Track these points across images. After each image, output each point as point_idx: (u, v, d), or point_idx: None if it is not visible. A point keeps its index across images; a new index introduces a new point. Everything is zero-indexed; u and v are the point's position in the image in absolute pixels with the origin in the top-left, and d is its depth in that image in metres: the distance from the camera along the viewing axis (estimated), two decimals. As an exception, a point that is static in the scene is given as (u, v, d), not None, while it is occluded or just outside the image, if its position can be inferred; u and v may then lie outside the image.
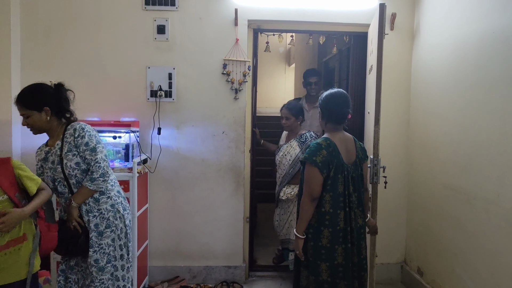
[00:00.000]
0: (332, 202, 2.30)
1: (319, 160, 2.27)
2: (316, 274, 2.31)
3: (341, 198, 2.31)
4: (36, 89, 2.35)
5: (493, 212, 2.41)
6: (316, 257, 2.31)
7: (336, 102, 2.41)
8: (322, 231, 2.30)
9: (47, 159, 2.41)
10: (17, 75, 3.42)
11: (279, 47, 9.65)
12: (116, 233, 2.44)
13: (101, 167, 2.34)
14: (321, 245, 2.30)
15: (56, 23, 3.45)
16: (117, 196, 2.48)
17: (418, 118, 3.48)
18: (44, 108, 2.31)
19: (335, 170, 2.30)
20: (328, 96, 2.44)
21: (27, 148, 3.46)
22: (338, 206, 2.30)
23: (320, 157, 2.27)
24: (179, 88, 3.52)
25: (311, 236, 2.33)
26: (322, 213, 2.30)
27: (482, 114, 2.55)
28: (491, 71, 2.47)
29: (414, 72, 3.56)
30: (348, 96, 2.46)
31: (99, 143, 2.39)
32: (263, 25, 3.68)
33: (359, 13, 3.53)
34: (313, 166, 2.28)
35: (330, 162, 2.29)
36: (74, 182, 2.35)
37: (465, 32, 2.75)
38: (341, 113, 2.40)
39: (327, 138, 2.37)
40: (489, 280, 2.46)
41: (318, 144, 2.34)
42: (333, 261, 2.29)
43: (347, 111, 2.41)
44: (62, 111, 2.42)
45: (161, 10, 3.46)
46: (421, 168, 3.42)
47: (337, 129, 2.42)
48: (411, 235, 3.61)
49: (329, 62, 6.31)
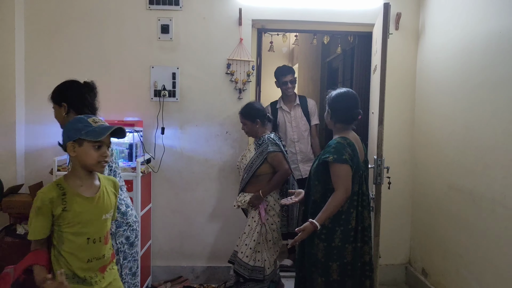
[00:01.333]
0: (348, 201, 2.29)
1: (348, 158, 2.25)
2: (327, 275, 2.30)
3: (355, 197, 2.30)
4: (62, 84, 2.40)
5: (499, 213, 2.39)
6: (328, 258, 2.29)
7: (348, 103, 2.40)
8: (336, 231, 2.28)
9: None
10: (21, 74, 3.43)
11: (283, 47, 9.62)
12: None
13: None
14: (334, 245, 2.28)
15: (60, 23, 3.45)
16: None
17: (423, 118, 3.46)
18: (62, 103, 2.32)
19: (355, 168, 2.30)
20: (340, 96, 2.42)
21: (31, 148, 3.47)
22: (352, 205, 2.30)
23: (347, 155, 2.26)
24: (183, 88, 3.52)
25: (324, 237, 2.29)
26: (338, 213, 2.27)
27: (488, 115, 2.53)
28: (497, 71, 2.44)
29: (419, 72, 3.54)
30: (358, 97, 2.46)
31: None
32: (267, 24, 3.68)
33: (364, 13, 3.52)
34: (345, 164, 2.24)
35: (356, 159, 2.29)
36: None
37: (471, 32, 2.73)
38: (353, 114, 2.40)
39: (345, 138, 2.35)
40: (495, 282, 2.43)
41: (340, 143, 2.31)
42: (342, 260, 2.28)
43: (359, 112, 2.41)
44: (79, 109, 2.43)
45: (165, 10, 3.46)
46: (425, 168, 3.40)
47: (347, 129, 2.42)
48: (416, 236, 3.59)
49: (332, 62, 6.28)
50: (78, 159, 1.75)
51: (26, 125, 3.46)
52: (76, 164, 1.77)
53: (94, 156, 1.74)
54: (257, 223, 3.05)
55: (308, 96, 4.21)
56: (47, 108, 3.42)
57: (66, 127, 1.78)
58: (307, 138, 3.84)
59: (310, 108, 3.85)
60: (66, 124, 1.80)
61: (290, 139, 3.80)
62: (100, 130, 1.73)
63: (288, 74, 3.72)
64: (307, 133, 3.84)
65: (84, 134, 1.71)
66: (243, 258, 3.03)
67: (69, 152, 1.75)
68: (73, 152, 1.74)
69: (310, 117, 3.84)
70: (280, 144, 3.12)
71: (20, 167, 3.44)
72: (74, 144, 1.73)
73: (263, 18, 3.54)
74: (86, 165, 1.76)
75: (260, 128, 3.16)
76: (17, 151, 3.39)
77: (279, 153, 3.03)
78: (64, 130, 1.78)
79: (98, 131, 1.73)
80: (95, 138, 1.71)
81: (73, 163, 1.79)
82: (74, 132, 1.72)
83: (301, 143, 3.83)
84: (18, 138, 3.40)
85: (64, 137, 1.77)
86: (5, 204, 3.11)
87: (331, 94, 2.46)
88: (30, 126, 3.47)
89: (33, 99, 3.46)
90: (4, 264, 3.10)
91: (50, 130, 3.45)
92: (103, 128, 1.75)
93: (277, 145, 3.06)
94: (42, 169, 3.45)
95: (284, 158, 3.08)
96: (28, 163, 3.47)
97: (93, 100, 2.40)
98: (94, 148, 1.73)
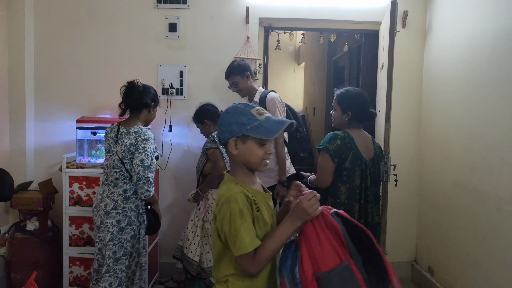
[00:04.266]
0: (348, 194, 2.32)
1: (331, 148, 2.30)
2: None
3: (357, 191, 2.33)
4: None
5: (507, 210, 2.39)
6: None
7: (364, 101, 2.44)
8: None
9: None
10: (31, 72, 3.47)
11: (289, 46, 9.63)
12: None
13: None
14: None
15: (69, 21, 3.49)
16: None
17: (429, 116, 3.46)
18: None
19: (352, 161, 2.32)
20: (355, 94, 2.45)
21: (41, 145, 3.51)
22: (354, 198, 2.32)
23: (333, 146, 2.31)
24: (190, 86, 3.54)
25: None
26: (337, 204, 2.31)
27: (495, 112, 2.52)
28: (504, 69, 2.44)
29: (426, 70, 3.54)
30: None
31: None
32: (274, 23, 3.69)
33: (371, 11, 3.52)
34: (325, 153, 2.32)
35: (343, 152, 2.31)
36: None
37: (478, 29, 2.73)
38: (370, 113, 2.45)
39: (345, 131, 2.39)
40: (501, 280, 2.44)
41: (334, 134, 2.38)
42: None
43: (374, 112, 2.46)
44: (128, 107, 2.62)
45: (173, 8, 3.48)
46: (432, 166, 3.40)
47: (357, 127, 2.45)
48: (422, 234, 3.59)
49: (339, 61, 6.29)
50: (240, 158, 1.48)
51: (35, 122, 3.51)
52: (238, 163, 1.50)
53: (260, 154, 1.46)
54: (198, 218, 3.11)
55: (314, 94, 4.19)
56: (56, 105, 3.51)
57: (226, 120, 1.49)
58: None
59: (267, 106, 3.13)
60: (225, 117, 1.50)
61: None
62: (270, 126, 1.44)
63: (228, 77, 3.17)
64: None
65: (250, 130, 1.43)
66: (188, 253, 3.06)
67: (230, 150, 1.47)
68: (234, 149, 1.47)
69: None
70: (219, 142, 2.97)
71: (30, 164, 3.48)
72: (237, 141, 1.46)
73: (270, 17, 3.55)
74: (249, 164, 1.49)
75: (212, 128, 3.12)
76: (27, 148, 3.44)
77: (216, 149, 2.94)
78: (223, 123, 1.49)
79: (268, 127, 1.44)
80: (266, 136, 1.43)
81: (234, 161, 1.52)
82: (238, 127, 1.44)
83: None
84: (27, 135, 3.45)
85: (224, 132, 1.48)
86: (15, 201, 3.16)
87: (342, 92, 2.47)
88: (39, 123, 3.51)
89: (42, 97, 3.50)
90: (15, 260, 3.17)
91: (59, 127, 3.51)
92: (274, 123, 1.46)
93: (215, 141, 2.95)
94: (52, 166, 3.50)
95: (221, 155, 2.94)
96: (38, 160, 3.52)
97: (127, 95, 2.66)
98: (259, 144, 1.46)
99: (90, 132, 3.18)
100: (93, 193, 3.09)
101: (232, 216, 1.35)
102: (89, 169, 3.11)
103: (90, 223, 3.11)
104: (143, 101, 2.61)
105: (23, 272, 3.14)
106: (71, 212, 3.11)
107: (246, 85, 3.13)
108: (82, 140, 3.23)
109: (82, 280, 3.16)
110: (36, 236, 3.18)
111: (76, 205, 3.11)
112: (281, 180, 3.10)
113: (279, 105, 3.08)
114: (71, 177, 3.09)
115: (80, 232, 3.13)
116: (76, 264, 3.15)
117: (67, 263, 3.15)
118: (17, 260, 3.19)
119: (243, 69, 3.10)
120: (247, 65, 3.16)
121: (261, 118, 1.44)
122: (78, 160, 3.21)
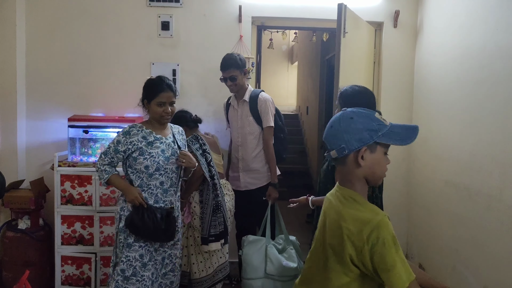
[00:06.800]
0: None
1: None
2: None
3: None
4: None
5: (495, 208, 2.42)
6: None
7: (370, 100, 2.16)
8: None
9: (152, 144, 2.38)
10: (22, 70, 3.45)
11: (282, 45, 9.65)
12: None
13: None
14: None
15: (61, 19, 3.47)
16: None
17: (420, 115, 3.49)
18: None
19: None
20: (360, 93, 2.16)
21: (32, 143, 3.49)
22: None
23: None
24: (183, 85, 3.54)
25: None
26: None
27: (485, 112, 2.56)
28: (494, 69, 2.47)
29: (417, 70, 3.57)
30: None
31: None
32: (267, 22, 3.70)
33: (364, 10, 3.53)
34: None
35: None
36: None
37: (469, 30, 2.76)
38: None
39: None
40: (491, 277, 2.47)
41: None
42: None
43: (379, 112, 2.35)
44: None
45: (165, 7, 3.48)
46: (422, 165, 3.43)
47: None
48: (412, 232, 3.63)
49: (332, 60, 6.31)
50: (363, 170, 1.27)
51: (27, 121, 3.49)
52: (359, 177, 1.29)
53: (385, 166, 1.30)
54: (183, 224, 2.82)
55: (307, 93, 4.18)
56: (48, 103, 3.49)
57: (353, 126, 1.26)
58: (250, 143, 3.11)
59: (259, 106, 3.05)
60: (349, 123, 1.27)
61: (234, 142, 3.22)
62: (402, 131, 1.27)
63: (227, 69, 3.00)
64: (252, 137, 3.10)
65: (383, 137, 1.25)
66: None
67: (359, 161, 1.26)
68: (362, 160, 1.26)
69: (261, 117, 3.07)
70: (192, 145, 2.82)
71: (22, 162, 3.46)
72: (366, 150, 1.26)
73: (263, 15, 3.56)
74: (373, 177, 1.30)
75: (188, 133, 2.91)
76: (19, 146, 3.42)
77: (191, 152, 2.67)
78: (349, 131, 1.26)
79: (400, 133, 1.27)
80: (401, 143, 1.25)
81: (353, 175, 1.29)
82: (369, 133, 1.24)
83: (244, 148, 3.14)
84: (19, 134, 3.43)
85: (351, 141, 1.26)
86: (6, 200, 3.15)
87: (345, 89, 2.20)
88: (31, 121, 3.49)
89: (34, 95, 3.48)
90: (6, 259, 3.16)
91: (51, 125, 3.49)
92: (403, 128, 1.29)
93: (189, 146, 2.78)
94: (43, 165, 3.48)
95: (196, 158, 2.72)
96: (29, 159, 3.50)
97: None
98: (385, 154, 1.30)
99: (82, 130, 3.17)
100: (85, 192, 3.08)
101: (387, 245, 1.18)
102: (81, 167, 3.10)
103: (82, 222, 3.10)
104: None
105: (14, 271, 3.12)
106: (63, 210, 3.10)
107: (241, 82, 3.08)
108: (74, 139, 3.22)
109: (74, 279, 3.15)
110: (28, 234, 3.17)
111: (68, 204, 3.09)
112: (273, 182, 3.07)
113: (271, 106, 3.08)
114: (63, 175, 3.08)
115: (72, 231, 3.12)
116: (68, 263, 3.14)
117: (59, 262, 3.14)
118: (9, 259, 3.18)
119: (244, 64, 3.06)
120: (246, 61, 3.14)
121: (387, 124, 1.29)
122: (70, 159, 3.20)
